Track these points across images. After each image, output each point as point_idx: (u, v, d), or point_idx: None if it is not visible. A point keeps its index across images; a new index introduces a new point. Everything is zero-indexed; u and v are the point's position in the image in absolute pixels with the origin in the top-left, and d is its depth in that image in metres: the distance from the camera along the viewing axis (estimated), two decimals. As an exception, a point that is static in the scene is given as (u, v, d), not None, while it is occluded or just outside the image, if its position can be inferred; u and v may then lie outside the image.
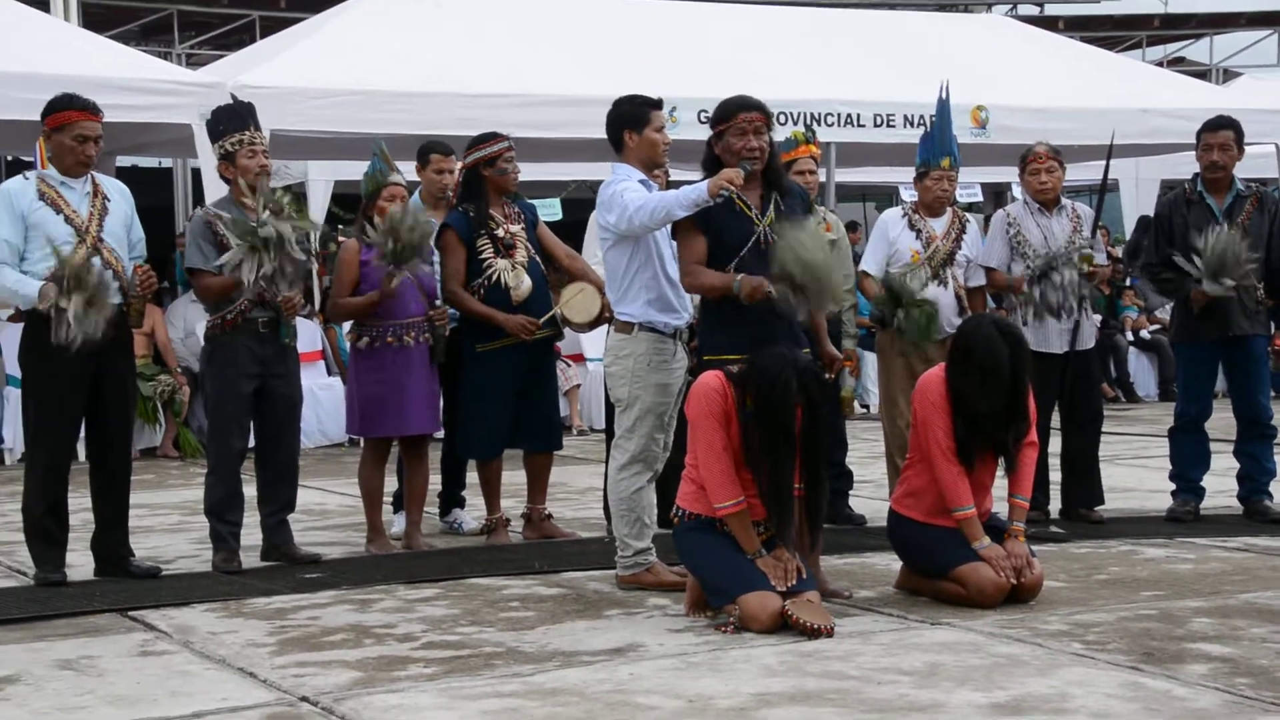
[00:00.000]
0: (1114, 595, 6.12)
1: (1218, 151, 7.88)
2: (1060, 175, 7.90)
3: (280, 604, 6.19)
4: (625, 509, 6.40)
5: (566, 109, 11.41)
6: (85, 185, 6.62)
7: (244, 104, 7.14)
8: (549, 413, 7.69)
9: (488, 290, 7.43)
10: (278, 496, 7.09)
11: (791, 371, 5.53)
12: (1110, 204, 15.32)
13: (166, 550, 7.49)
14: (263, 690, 4.87)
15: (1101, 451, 8.13)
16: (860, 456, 9.25)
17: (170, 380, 11.78)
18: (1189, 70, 22.69)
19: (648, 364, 6.33)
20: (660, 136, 6.45)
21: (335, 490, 9.61)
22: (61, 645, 5.52)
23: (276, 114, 10.24)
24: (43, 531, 6.62)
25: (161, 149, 13.72)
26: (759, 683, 4.81)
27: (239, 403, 6.93)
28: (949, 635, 5.46)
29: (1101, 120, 12.40)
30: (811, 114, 12.27)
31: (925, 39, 14.48)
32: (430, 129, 9.70)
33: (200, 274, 6.91)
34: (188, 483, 10.05)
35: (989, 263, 7.86)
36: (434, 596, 6.30)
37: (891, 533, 6.32)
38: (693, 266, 6.04)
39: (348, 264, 7.42)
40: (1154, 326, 15.79)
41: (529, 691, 4.76)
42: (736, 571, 5.62)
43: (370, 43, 12.16)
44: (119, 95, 9.93)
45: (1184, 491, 8.05)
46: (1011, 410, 6.00)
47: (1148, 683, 4.77)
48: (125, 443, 6.89)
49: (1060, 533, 7.54)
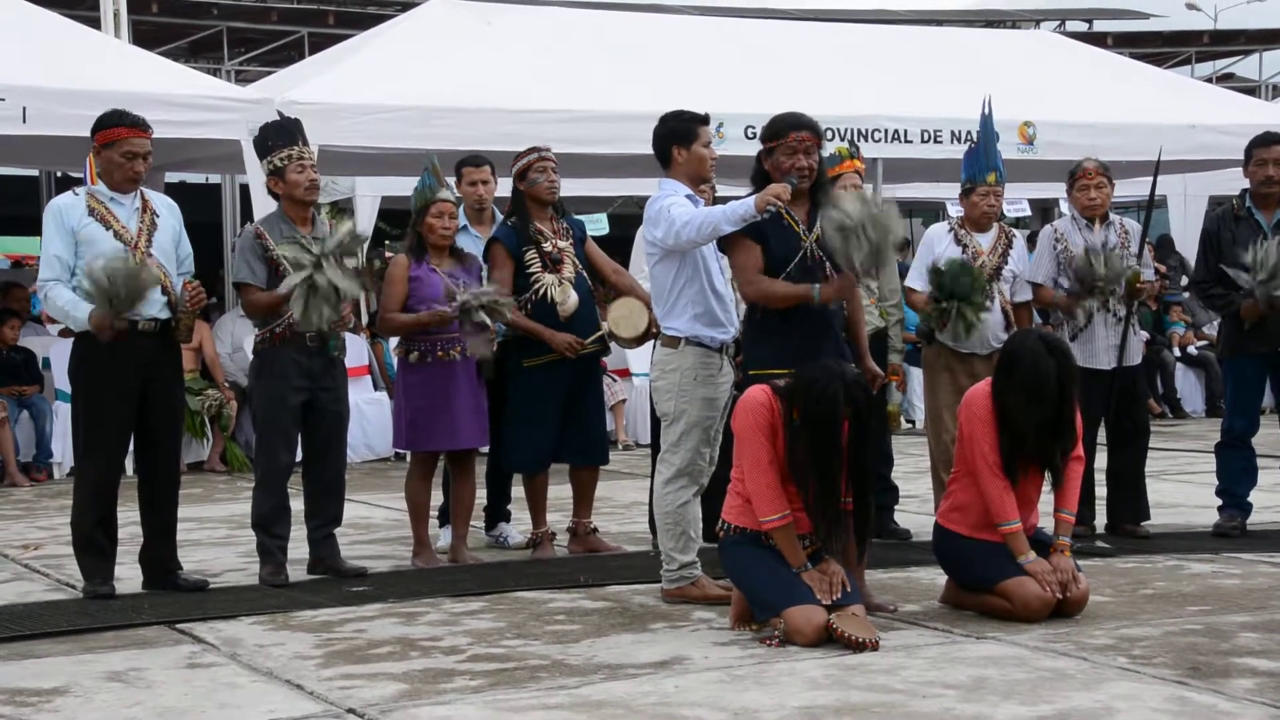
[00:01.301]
0: (1160, 610, 6.09)
1: (1272, 166, 7.84)
2: (1109, 191, 7.88)
3: (327, 617, 6.22)
4: (671, 523, 6.41)
5: (613, 125, 11.44)
6: (134, 201, 6.68)
7: (292, 120, 7.20)
8: (595, 428, 7.71)
9: (535, 305, 7.46)
10: (325, 510, 7.12)
11: (839, 384, 5.54)
12: (1158, 220, 15.23)
13: (214, 563, 7.54)
14: (310, 702, 4.90)
15: (1148, 467, 8.10)
16: (906, 471, 9.23)
17: (218, 395, 11.86)
18: (1238, 86, 22.54)
19: (694, 378, 6.34)
20: (708, 152, 6.47)
21: (381, 504, 9.65)
22: (110, 657, 5.56)
23: (324, 130, 10.32)
24: (92, 545, 6.66)
25: (210, 165, 13.81)
26: (804, 696, 4.81)
27: (287, 416, 6.97)
28: (994, 649, 5.44)
29: (1149, 136, 12.35)
30: (858, 129, 12.28)
31: (972, 55, 14.46)
32: (476, 144, 9.73)
33: (248, 289, 6.96)
34: (235, 496, 10.12)
35: (1036, 278, 7.84)
36: (479, 610, 6.32)
37: (937, 547, 6.31)
38: (755, 275, 6.04)
39: (397, 279, 7.44)
40: (1201, 342, 15.69)
41: (574, 704, 4.77)
42: (782, 585, 5.62)
43: (417, 59, 12.24)
44: (168, 111, 10.00)
45: (1230, 507, 8.01)
46: (1058, 425, 5.97)
47: (1193, 697, 4.75)
48: (173, 457, 6.94)
49: (1106, 548, 7.51)
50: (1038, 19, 26.55)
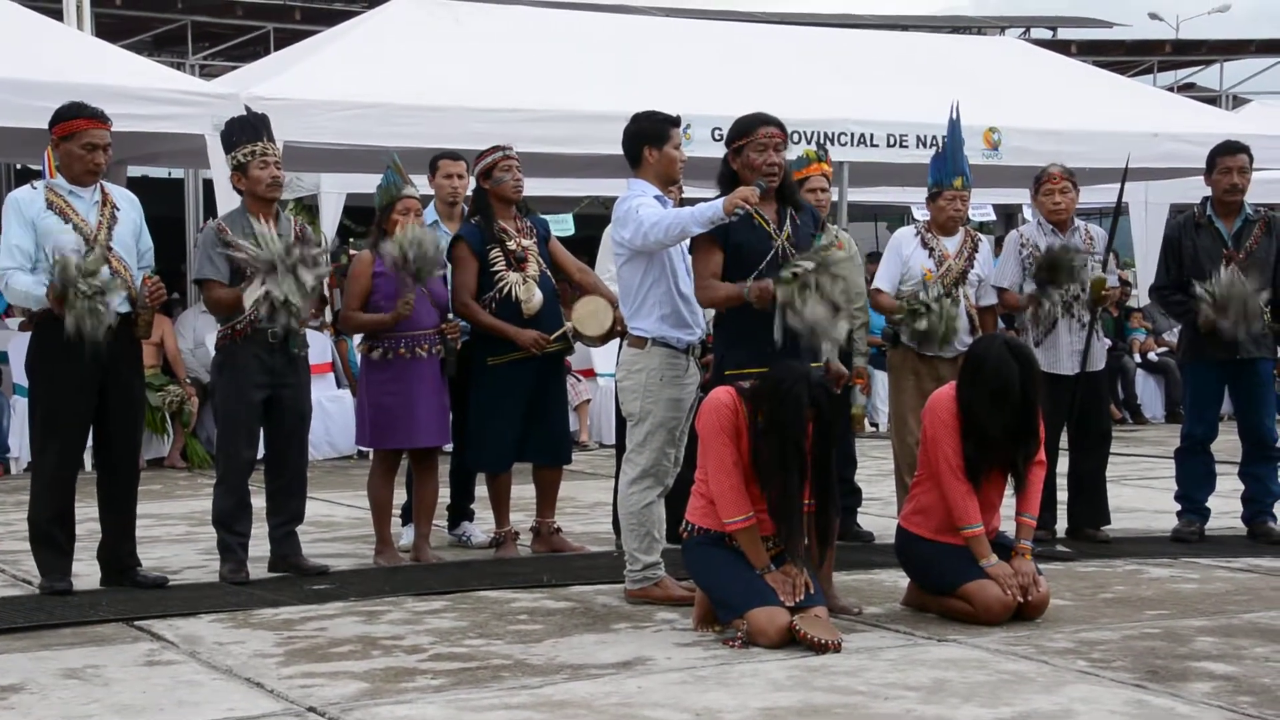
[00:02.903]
0: (1119, 614, 6.12)
1: (1236, 174, 7.90)
2: (1074, 197, 7.92)
3: (288, 615, 6.19)
4: (635, 523, 6.41)
5: (580, 124, 11.42)
6: (94, 194, 6.62)
7: (258, 115, 7.15)
8: (558, 427, 7.70)
9: (499, 303, 7.44)
10: (286, 508, 7.09)
11: (804, 385, 5.55)
12: (1121, 227, 15.33)
13: (173, 560, 7.50)
14: (270, 700, 4.88)
15: (1108, 472, 8.14)
16: (869, 474, 9.25)
17: (179, 391, 11.80)
18: (1199, 96, 22.69)
19: (660, 379, 6.35)
20: (678, 154, 6.48)
21: (343, 502, 9.61)
22: (67, 654, 5.51)
23: (290, 126, 10.26)
24: (49, 540, 6.61)
25: (173, 159, 13.73)
26: (766, 697, 4.81)
27: (248, 413, 6.94)
28: (955, 652, 5.46)
29: (1113, 144, 12.42)
30: (824, 133, 12.30)
31: (939, 60, 14.50)
32: (443, 142, 9.70)
33: (211, 285, 6.92)
34: (195, 493, 10.07)
35: (1001, 283, 7.87)
36: (442, 609, 6.30)
37: (899, 550, 6.32)
38: (708, 281, 6.05)
39: (360, 276, 7.44)
40: (1162, 349, 15.81)
41: (537, 704, 4.76)
42: (745, 586, 5.62)
43: (384, 56, 12.18)
44: (131, 104, 9.93)
45: (1189, 512, 8.06)
46: (1022, 430, 6.00)
47: (1151, 700, 4.77)
48: (133, 452, 6.89)
49: (1067, 552, 7.55)
50: (1003, 25, 26.69)
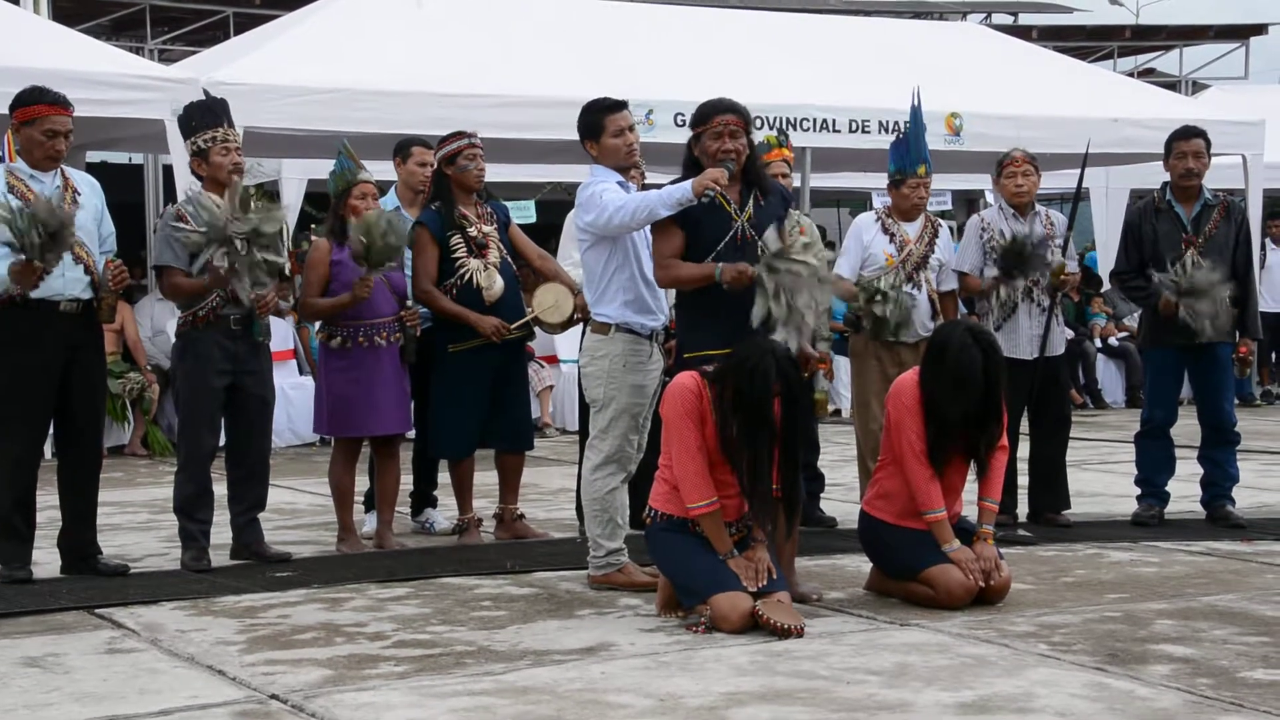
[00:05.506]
0: (1080, 597, 6.16)
1: (1192, 159, 7.95)
2: (1036, 180, 7.95)
3: (250, 602, 6.17)
4: (598, 509, 6.41)
5: (541, 110, 11.38)
6: (55, 179, 6.57)
7: (217, 100, 7.11)
8: (520, 413, 7.69)
9: (460, 290, 7.42)
10: (248, 495, 7.07)
11: (771, 359, 5.55)
12: (1081, 212, 15.43)
13: (135, 548, 7.46)
14: (232, 688, 4.86)
15: (1069, 457, 8.18)
16: (832, 460, 9.28)
17: (139, 378, 11.74)
18: (1159, 81, 22.76)
19: (623, 365, 6.34)
20: (620, 141, 6.37)
21: (306, 489, 9.59)
22: (27, 643, 5.48)
23: (250, 111, 10.22)
24: (9, 528, 6.56)
25: (132, 144, 13.63)
26: (729, 682, 4.82)
27: (210, 400, 6.91)
28: (918, 636, 5.48)
29: (1074, 129, 12.48)
30: (787, 118, 12.32)
31: (900, 46, 14.52)
32: (405, 128, 9.67)
33: (170, 271, 6.88)
34: (156, 481, 10.02)
35: (962, 267, 7.90)
36: (405, 595, 6.29)
37: (862, 534, 6.34)
38: (668, 260, 6.04)
39: (318, 263, 7.40)
40: (1122, 334, 15.88)
41: (500, 690, 4.76)
42: (708, 572, 5.63)
43: (345, 41, 12.13)
44: (90, 89, 9.81)
45: (1149, 496, 8.11)
46: (984, 415, 6.02)
47: (1112, 683, 4.80)
48: (94, 439, 6.84)
49: (1028, 536, 7.58)
50: (965, 11, 26.73)
